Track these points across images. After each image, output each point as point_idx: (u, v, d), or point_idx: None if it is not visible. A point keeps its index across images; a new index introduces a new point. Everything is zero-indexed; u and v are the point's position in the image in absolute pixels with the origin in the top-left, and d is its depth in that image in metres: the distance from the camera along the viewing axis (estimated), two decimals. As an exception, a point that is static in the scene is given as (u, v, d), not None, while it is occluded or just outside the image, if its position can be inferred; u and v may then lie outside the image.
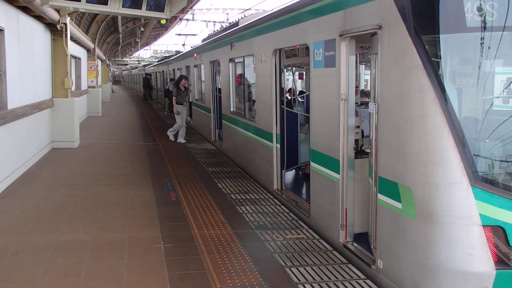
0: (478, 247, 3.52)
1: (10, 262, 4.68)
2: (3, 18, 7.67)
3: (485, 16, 3.68)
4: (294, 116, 7.53)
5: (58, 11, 10.42)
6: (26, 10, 8.89)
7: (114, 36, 30.24)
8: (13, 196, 7.12)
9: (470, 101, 3.92)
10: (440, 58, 3.80)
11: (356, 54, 5.68)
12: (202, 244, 5.24)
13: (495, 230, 3.54)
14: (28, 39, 9.40)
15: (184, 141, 13.02)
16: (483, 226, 3.52)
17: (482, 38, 3.72)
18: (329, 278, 4.42)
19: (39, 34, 10.43)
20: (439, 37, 3.80)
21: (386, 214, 4.17)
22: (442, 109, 3.61)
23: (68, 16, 11.22)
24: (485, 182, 3.59)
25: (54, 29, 11.34)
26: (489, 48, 3.71)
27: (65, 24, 11.25)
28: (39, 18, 9.96)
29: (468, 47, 3.97)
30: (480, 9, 3.67)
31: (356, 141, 5.08)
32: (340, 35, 4.86)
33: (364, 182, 5.01)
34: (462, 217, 3.55)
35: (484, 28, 3.70)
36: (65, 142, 11.66)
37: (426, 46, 3.73)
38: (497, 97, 3.97)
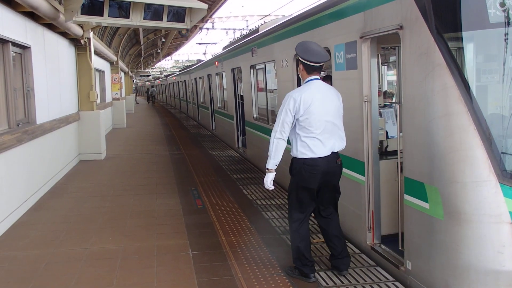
0: (508, 245, 3.44)
1: (44, 273, 4.80)
2: (30, 36, 7.91)
3: (508, 11, 3.62)
4: None
5: (81, 26, 10.68)
6: (51, 27, 9.13)
7: (136, 48, 30.76)
8: (44, 209, 7.30)
9: (496, 98, 3.85)
10: (464, 56, 3.75)
11: (378, 55, 5.64)
12: (230, 251, 5.27)
13: None
14: (54, 55, 9.65)
15: None
16: None
17: (506, 34, 3.65)
18: (358, 281, 4.38)
19: (64, 50, 10.70)
20: (461, 35, 3.75)
21: (413, 215, 4.12)
22: (467, 107, 3.56)
23: (91, 31, 11.48)
24: None
25: (78, 44, 11.61)
26: (514, 43, 3.65)
27: (89, 39, 11.53)
28: (64, 34, 10.23)
29: (492, 43, 3.90)
30: (503, 4, 3.60)
31: (381, 142, 5.05)
32: (361, 37, 4.85)
33: (390, 183, 4.96)
34: (491, 215, 3.48)
35: (508, 23, 3.64)
36: (92, 154, 11.90)
37: (449, 44, 3.69)
38: None
